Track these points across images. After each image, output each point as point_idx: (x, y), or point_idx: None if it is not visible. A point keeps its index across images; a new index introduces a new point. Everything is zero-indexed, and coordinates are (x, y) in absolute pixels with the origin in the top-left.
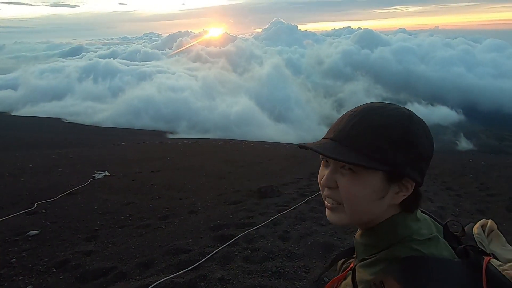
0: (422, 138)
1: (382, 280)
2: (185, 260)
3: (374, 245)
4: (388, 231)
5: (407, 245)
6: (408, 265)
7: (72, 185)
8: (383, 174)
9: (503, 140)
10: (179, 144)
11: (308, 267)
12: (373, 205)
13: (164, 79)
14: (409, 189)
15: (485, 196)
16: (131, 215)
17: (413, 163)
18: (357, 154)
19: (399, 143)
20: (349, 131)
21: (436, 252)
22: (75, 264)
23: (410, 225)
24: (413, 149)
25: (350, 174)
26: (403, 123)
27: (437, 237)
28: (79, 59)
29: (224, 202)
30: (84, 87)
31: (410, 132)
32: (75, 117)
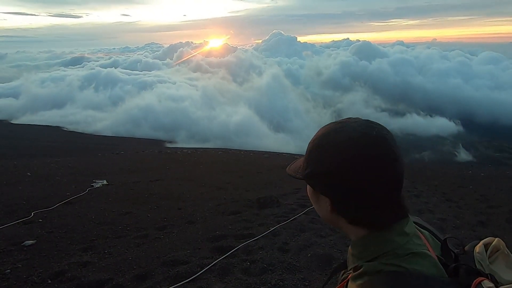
0: (329, 152)
1: None
2: (183, 272)
3: (360, 256)
4: (369, 245)
5: (390, 259)
6: (388, 280)
7: (70, 194)
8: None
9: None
10: (178, 153)
11: (308, 279)
12: (317, 207)
13: (165, 89)
14: (326, 202)
15: (486, 208)
16: (129, 225)
17: (319, 178)
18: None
19: (313, 154)
20: (307, 150)
21: (420, 268)
22: (70, 275)
23: (394, 239)
24: (324, 161)
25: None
26: (333, 137)
27: (424, 253)
28: (81, 68)
29: (223, 213)
30: (85, 96)
31: (316, 145)
32: (75, 125)
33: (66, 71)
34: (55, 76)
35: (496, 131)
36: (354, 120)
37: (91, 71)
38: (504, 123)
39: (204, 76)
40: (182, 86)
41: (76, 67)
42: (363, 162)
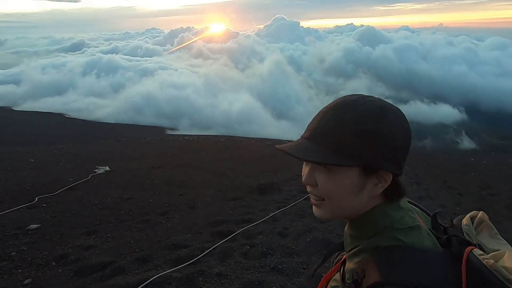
0: (395, 129)
1: (364, 268)
2: (184, 255)
3: (359, 235)
4: (369, 221)
5: (388, 234)
6: (387, 254)
7: (73, 180)
8: (359, 168)
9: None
10: (180, 140)
11: (306, 263)
12: (353, 200)
13: (167, 76)
14: (387, 180)
15: (486, 195)
16: (131, 210)
17: (387, 155)
18: (328, 152)
19: (370, 137)
20: (321, 129)
21: (417, 241)
22: (74, 258)
23: (392, 214)
24: (386, 141)
25: (326, 172)
26: (373, 116)
27: (419, 226)
28: (81, 54)
29: (223, 199)
30: (86, 83)
31: (381, 124)
32: (77, 113)
33: (66, 57)
34: (56, 62)
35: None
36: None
37: (91, 57)
38: (509, 111)
39: (206, 62)
40: (184, 73)
41: (76, 53)
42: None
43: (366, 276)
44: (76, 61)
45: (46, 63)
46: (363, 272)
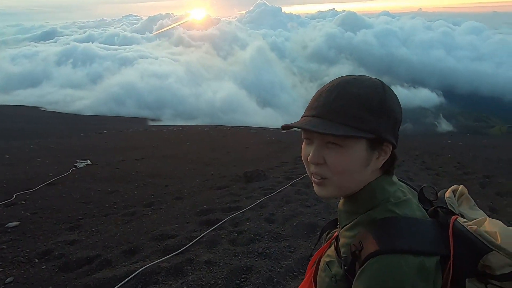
0: (396, 105)
1: (361, 240)
2: (172, 245)
3: (355, 211)
4: (368, 196)
5: (384, 207)
6: (384, 225)
7: (53, 175)
8: (366, 142)
9: (479, 121)
10: (164, 131)
11: (293, 247)
12: (360, 174)
13: (147, 65)
14: (387, 153)
15: (462, 174)
16: (116, 203)
17: (390, 127)
18: (342, 126)
19: (379, 111)
20: (330, 105)
21: (409, 212)
22: (58, 254)
23: (387, 188)
24: (391, 115)
25: (336, 148)
26: (379, 92)
27: (411, 199)
28: (53, 43)
29: (210, 188)
30: (62, 74)
31: (386, 100)
32: (53, 105)
33: (37, 46)
34: (27, 52)
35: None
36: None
37: (66, 46)
38: (483, 94)
39: (187, 50)
40: (165, 61)
41: (48, 42)
42: (399, 105)
43: (364, 247)
44: (49, 51)
45: (16, 53)
46: (360, 244)
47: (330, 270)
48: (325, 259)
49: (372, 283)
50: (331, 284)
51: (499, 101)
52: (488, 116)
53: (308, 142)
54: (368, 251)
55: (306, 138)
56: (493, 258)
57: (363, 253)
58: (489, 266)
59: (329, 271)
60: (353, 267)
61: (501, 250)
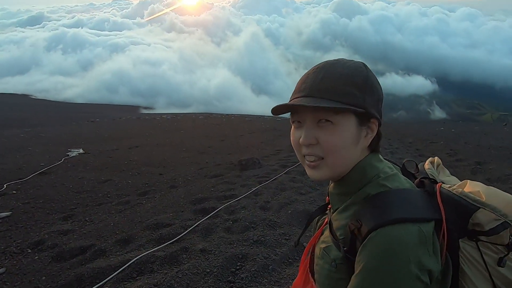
0: (377, 83)
1: (359, 218)
2: (166, 234)
3: (347, 191)
4: (358, 175)
5: (375, 183)
6: (379, 199)
7: (44, 164)
8: (356, 119)
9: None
10: (158, 119)
11: (288, 234)
12: (351, 152)
13: (140, 51)
14: (374, 130)
15: (454, 161)
16: (109, 193)
17: (376, 105)
18: (332, 102)
19: (365, 87)
20: (319, 85)
21: (400, 185)
22: (51, 244)
23: (376, 165)
24: (374, 92)
25: (328, 126)
26: (362, 71)
27: (398, 173)
28: (41, 28)
29: (205, 176)
30: (51, 61)
31: (369, 77)
32: (44, 93)
33: (24, 31)
34: (13, 38)
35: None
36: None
37: (54, 32)
38: (476, 81)
39: (180, 36)
40: (158, 48)
41: (35, 27)
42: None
43: (363, 224)
44: (37, 36)
45: (2, 38)
46: (359, 221)
47: (328, 256)
48: (321, 246)
49: (376, 254)
50: (331, 269)
51: (490, 88)
52: (480, 103)
53: (298, 125)
54: (367, 226)
55: (296, 122)
56: (481, 215)
57: (362, 229)
58: (478, 223)
59: (327, 257)
60: (353, 246)
61: (487, 207)
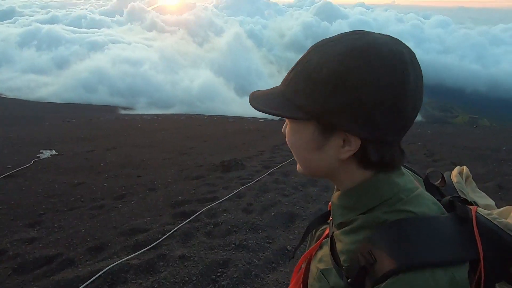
0: (366, 77)
1: (371, 251)
2: (143, 240)
3: (353, 207)
4: (370, 191)
5: (395, 205)
6: (398, 230)
7: (11, 166)
8: (316, 124)
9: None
10: (138, 120)
11: (271, 237)
12: (312, 156)
13: (120, 50)
14: (352, 144)
15: (431, 161)
16: (82, 197)
17: (347, 111)
18: (283, 100)
19: (324, 85)
20: (287, 76)
21: (426, 209)
22: (12, 254)
23: (396, 181)
24: (351, 93)
25: (289, 123)
26: (338, 59)
27: (423, 192)
28: (12, 24)
29: (185, 178)
30: (24, 58)
31: (344, 71)
32: (15, 92)
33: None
34: None
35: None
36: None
37: (27, 28)
38: (448, 85)
39: (161, 36)
40: (138, 47)
41: (6, 22)
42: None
43: (377, 261)
44: (7, 32)
45: None
46: (371, 256)
47: (327, 281)
48: (318, 265)
49: None
50: None
51: (461, 92)
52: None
53: None
54: (384, 267)
55: None
56: None
57: (377, 268)
58: None
59: (325, 282)
60: (360, 280)
61: None
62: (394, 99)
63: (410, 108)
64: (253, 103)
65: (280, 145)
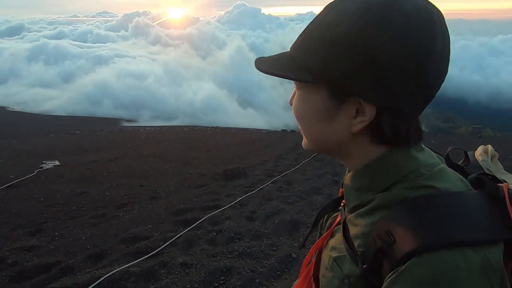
0: (387, 34)
1: (389, 230)
2: (144, 247)
3: (370, 187)
4: (386, 166)
5: (415, 181)
6: (420, 206)
7: (15, 176)
8: (327, 90)
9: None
10: (141, 131)
11: (275, 245)
12: (322, 128)
13: (124, 64)
14: (366, 113)
15: None
16: (84, 205)
17: (362, 73)
18: (292, 64)
19: (338, 44)
20: (298, 38)
21: (451, 186)
22: (11, 261)
23: (416, 156)
24: (362, 52)
25: (298, 90)
26: (355, 16)
27: (446, 168)
28: (20, 39)
29: (188, 187)
30: (32, 72)
31: (361, 28)
32: (22, 105)
33: (2, 42)
34: None
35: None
36: None
37: (35, 43)
38: (449, 96)
39: (165, 49)
40: (143, 60)
41: (14, 38)
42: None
43: (397, 240)
44: (15, 47)
45: None
46: (390, 236)
47: (340, 269)
48: (330, 253)
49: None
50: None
51: (463, 102)
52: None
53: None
54: (404, 247)
55: None
56: None
57: (396, 249)
58: None
59: (339, 271)
60: (377, 265)
61: None
62: (416, 61)
63: (433, 75)
64: (259, 65)
65: (283, 154)
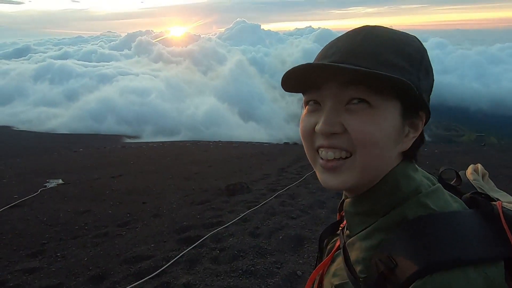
0: (431, 65)
1: (390, 254)
2: (146, 267)
3: (372, 211)
4: (390, 188)
5: (413, 201)
6: (419, 228)
7: (18, 196)
8: (400, 106)
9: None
10: (144, 147)
11: (280, 262)
12: (390, 154)
13: (127, 81)
14: (419, 128)
15: None
16: (86, 224)
17: (429, 91)
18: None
19: (419, 64)
20: (356, 48)
21: (446, 205)
22: (13, 285)
23: (414, 176)
24: (430, 74)
25: (364, 109)
26: (415, 40)
27: (441, 188)
28: (26, 60)
29: (191, 203)
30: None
31: (425, 54)
32: (27, 124)
33: (9, 64)
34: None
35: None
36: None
37: (41, 64)
38: (450, 105)
39: (168, 66)
40: (146, 78)
41: (21, 59)
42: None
43: (398, 264)
44: (21, 68)
45: None
46: (391, 260)
47: None
48: (332, 280)
49: None
50: None
51: (465, 111)
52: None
53: (314, 108)
54: (406, 270)
55: (311, 102)
56: None
57: (399, 273)
58: None
59: None
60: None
61: None
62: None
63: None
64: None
65: (286, 167)
